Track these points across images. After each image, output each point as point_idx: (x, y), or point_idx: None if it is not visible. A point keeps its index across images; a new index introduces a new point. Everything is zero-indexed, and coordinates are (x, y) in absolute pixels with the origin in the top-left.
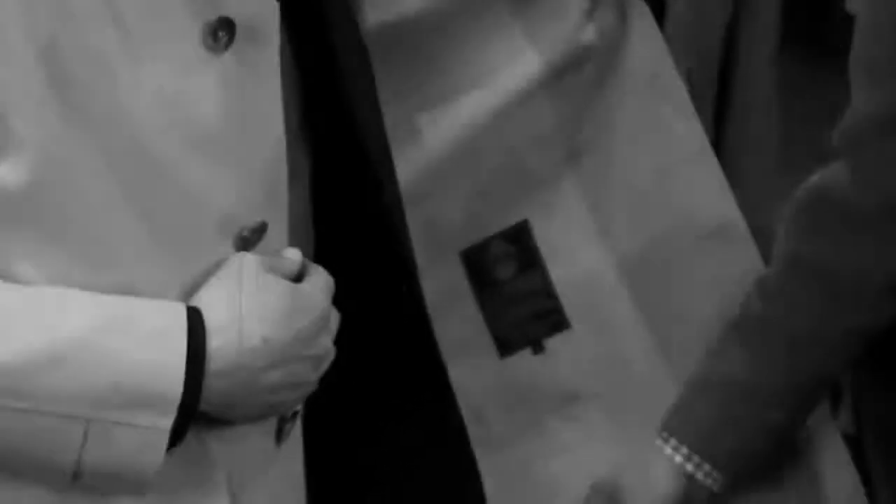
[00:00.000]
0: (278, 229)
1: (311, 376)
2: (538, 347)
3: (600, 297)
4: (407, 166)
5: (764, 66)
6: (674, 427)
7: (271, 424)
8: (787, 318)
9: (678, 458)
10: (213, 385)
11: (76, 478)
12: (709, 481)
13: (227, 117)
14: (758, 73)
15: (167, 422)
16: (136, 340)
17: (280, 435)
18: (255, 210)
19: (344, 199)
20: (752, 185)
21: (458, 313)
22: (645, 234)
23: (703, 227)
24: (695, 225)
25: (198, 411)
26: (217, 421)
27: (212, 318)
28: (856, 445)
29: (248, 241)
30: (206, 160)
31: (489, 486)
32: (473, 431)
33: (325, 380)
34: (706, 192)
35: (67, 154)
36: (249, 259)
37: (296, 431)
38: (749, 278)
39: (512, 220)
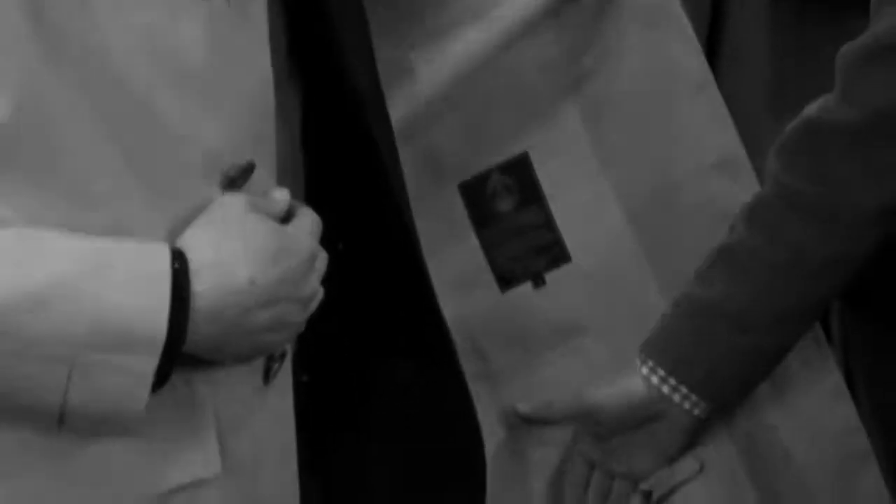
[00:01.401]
0: (265, 170)
1: (298, 317)
2: (539, 281)
3: (601, 230)
4: (401, 103)
5: (757, 10)
6: (651, 348)
7: (258, 365)
8: (768, 245)
9: (654, 379)
10: (198, 327)
11: (61, 420)
12: (686, 404)
13: (214, 58)
14: (751, 16)
15: (151, 363)
16: (120, 282)
17: (268, 376)
18: (242, 150)
19: (334, 140)
20: (742, 128)
21: (457, 247)
22: (646, 166)
23: (705, 159)
24: (696, 157)
25: (182, 353)
26: (204, 362)
27: (196, 260)
28: None
29: (235, 181)
30: (191, 99)
31: (487, 420)
32: (473, 366)
33: (315, 321)
34: (708, 124)
35: (48, 93)
36: (235, 199)
37: (284, 373)
38: None
39: (512, 152)
